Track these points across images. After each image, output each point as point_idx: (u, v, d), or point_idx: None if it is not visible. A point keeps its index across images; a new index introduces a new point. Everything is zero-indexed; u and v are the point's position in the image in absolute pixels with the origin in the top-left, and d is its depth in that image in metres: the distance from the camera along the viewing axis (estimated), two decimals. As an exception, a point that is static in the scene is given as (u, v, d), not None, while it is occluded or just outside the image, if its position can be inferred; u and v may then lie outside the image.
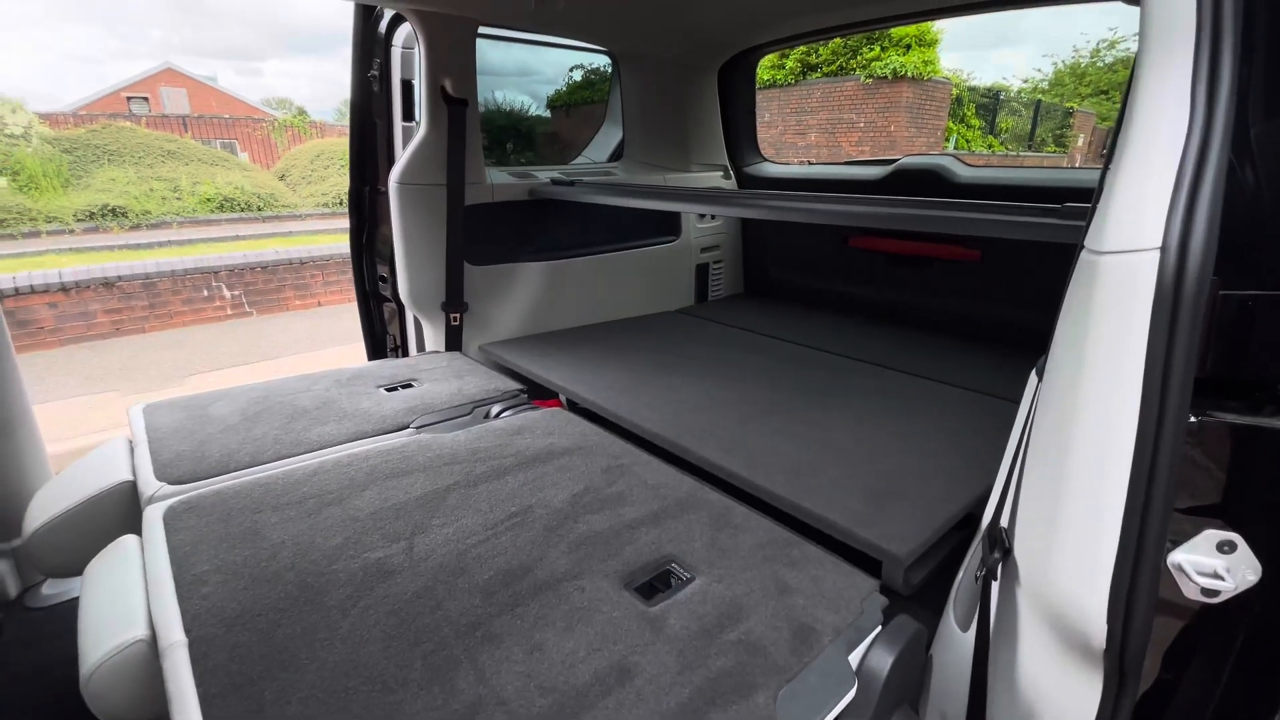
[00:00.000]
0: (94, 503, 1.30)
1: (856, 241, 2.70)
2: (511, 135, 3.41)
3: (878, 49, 12.06)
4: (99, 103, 19.54)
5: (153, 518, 1.15)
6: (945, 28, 12.39)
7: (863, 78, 12.17)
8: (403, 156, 2.11)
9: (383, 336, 2.66)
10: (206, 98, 21.89)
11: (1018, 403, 0.99)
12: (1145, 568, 0.67)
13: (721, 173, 3.04)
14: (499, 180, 2.33)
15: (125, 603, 0.97)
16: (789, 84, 13.27)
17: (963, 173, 2.41)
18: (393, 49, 2.24)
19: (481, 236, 2.28)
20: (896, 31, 11.92)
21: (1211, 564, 0.68)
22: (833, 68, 13.00)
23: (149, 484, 1.29)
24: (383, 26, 2.21)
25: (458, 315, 2.26)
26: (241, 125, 17.03)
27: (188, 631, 0.88)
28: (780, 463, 1.40)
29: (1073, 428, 0.72)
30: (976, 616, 0.94)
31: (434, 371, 1.97)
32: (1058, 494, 0.75)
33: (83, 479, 1.36)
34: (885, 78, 11.88)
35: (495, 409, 1.73)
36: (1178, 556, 0.68)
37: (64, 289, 5.80)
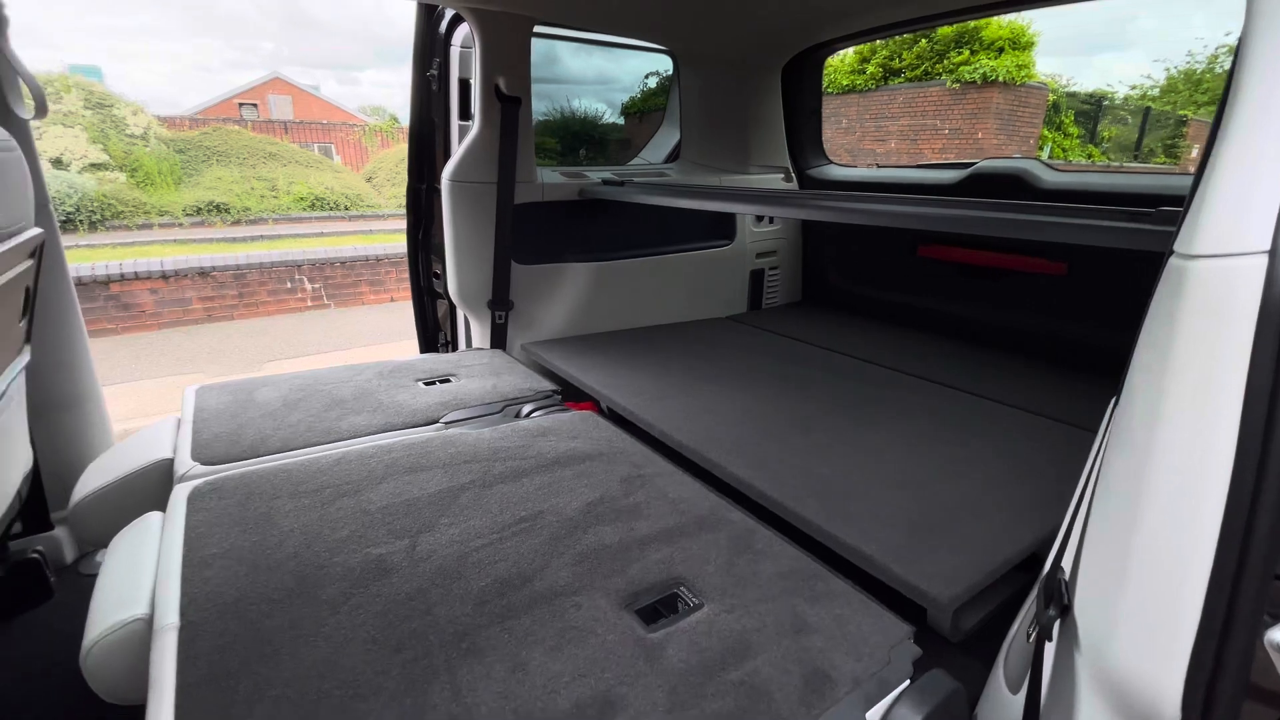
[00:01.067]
0: (133, 478, 1.34)
1: (927, 250, 2.52)
2: (585, 141, 3.41)
3: (966, 53, 11.45)
4: (213, 108, 21.29)
5: (178, 497, 1.17)
6: (1043, 30, 11.62)
7: (948, 82, 11.59)
8: (456, 154, 2.12)
9: (435, 332, 2.70)
10: (309, 105, 23.47)
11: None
12: (1234, 646, 0.55)
13: (782, 175, 2.92)
14: (549, 179, 2.31)
15: (135, 580, 0.98)
16: (869, 89, 12.82)
17: (1048, 177, 2.20)
18: (451, 48, 2.27)
19: (530, 235, 2.26)
20: (988, 34, 11.29)
21: (1322, 648, 0.55)
22: (917, 72, 12.45)
23: (183, 463, 1.33)
24: (443, 27, 2.24)
25: (503, 314, 2.26)
26: (337, 130, 18.15)
27: (182, 615, 0.88)
28: (814, 484, 1.28)
29: (1149, 467, 0.60)
30: (1029, 678, 0.81)
31: (473, 368, 1.96)
32: (1128, 547, 0.63)
33: (129, 454, 1.42)
34: (974, 83, 11.26)
35: (526, 408, 1.69)
36: (1276, 635, 0.56)
37: (164, 277, 6.30)
